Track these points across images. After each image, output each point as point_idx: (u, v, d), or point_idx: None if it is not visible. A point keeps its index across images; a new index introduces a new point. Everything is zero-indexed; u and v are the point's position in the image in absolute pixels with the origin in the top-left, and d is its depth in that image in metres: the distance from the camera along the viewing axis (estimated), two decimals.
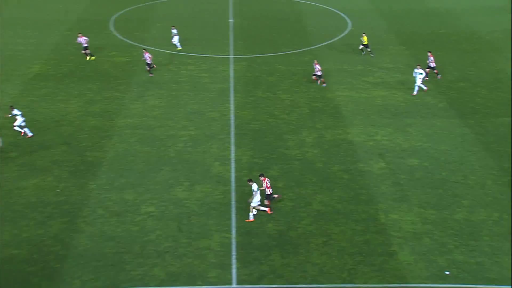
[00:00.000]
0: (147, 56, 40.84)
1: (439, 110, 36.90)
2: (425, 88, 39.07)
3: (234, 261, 23.53)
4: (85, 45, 43.68)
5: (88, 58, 44.06)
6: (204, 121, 35.24)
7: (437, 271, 23.06)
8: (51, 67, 42.54)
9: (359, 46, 46.27)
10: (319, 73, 40.21)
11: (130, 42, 48.43)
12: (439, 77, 41.73)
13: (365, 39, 45.97)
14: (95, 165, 30.08)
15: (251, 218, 26.07)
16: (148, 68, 41.12)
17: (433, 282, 22.54)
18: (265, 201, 26.42)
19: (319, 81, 40.54)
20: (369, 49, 46.35)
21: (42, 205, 26.73)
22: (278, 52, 47.23)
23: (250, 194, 27.94)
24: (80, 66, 43.05)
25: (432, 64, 40.96)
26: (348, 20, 56.05)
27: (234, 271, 22.98)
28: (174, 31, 47.32)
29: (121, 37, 49.70)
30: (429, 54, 41.44)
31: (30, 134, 32.74)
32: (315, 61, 40.53)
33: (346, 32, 52.76)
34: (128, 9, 58.18)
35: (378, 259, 23.75)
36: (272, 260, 23.60)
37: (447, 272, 23.01)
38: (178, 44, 47.33)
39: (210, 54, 46.56)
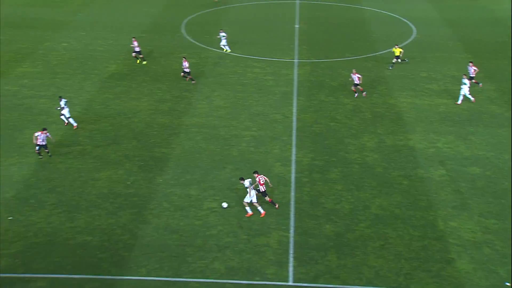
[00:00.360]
0: (185, 64, 40.55)
1: (504, 119, 35.55)
2: (472, 99, 37.60)
3: (291, 259, 23.54)
4: (137, 49, 44.61)
5: (138, 61, 44.79)
6: (267, 123, 35.43)
7: (497, 281, 22.23)
8: (126, 67, 43.91)
9: (392, 60, 44.80)
10: (357, 82, 38.81)
11: (199, 44, 49.32)
12: (480, 85, 40.13)
13: (397, 51, 44.26)
14: (162, 161, 30.83)
15: (249, 212, 26.35)
16: (185, 75, 40.90)
17: None
18: (265, 198, 26.63)
19: (357, 93, 39.03)
20: (400, 60, 44.56)
21: (113, 196, 27.65)
22: (342, 58, 46.83)
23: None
24: (153, 66, 44.22)
25: (472, 74, 39.30)
26: (414, 28, 54.87)
27: (291, 269, 23.00)
28: (223, 34, 47.72)
29: (191, 40, 50.70)
30: (470, 64, 39.90)
31: (75, 124, 34.10)
32: (354, 71, 39.30)
33: (411, 39, 51.67)
34: (199, 13, 59.27)
35: (436, 265, 23.14)
36: (328, 261, 23.46)
37: (507, 284, 22.14)
38: (227, 47, 47.77)
39: (276, 58, 46.74)
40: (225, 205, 26.26)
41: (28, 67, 43.29)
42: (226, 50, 47.63)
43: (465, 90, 37.39)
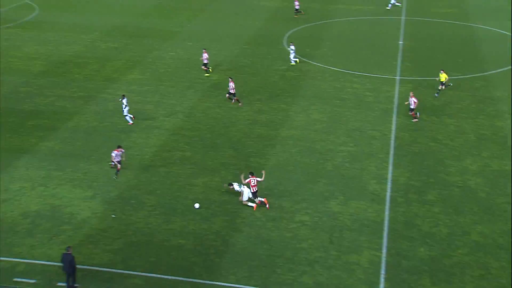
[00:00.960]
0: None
1: None
2: None
3: (382, 280, 22.95)
4: (206, 61, 45.39)
5: (206, 74, 45.45)
6: (364, 139, 34.91)
7: None
8: (228, 77, 45.08)
9: (438, 86, 41.64)
10: (412, 106, 36.90)
11: (300, 58, 49.63)
12: None
13: (443, 77, 41.00)
14: (257, 171, 31.24)
15: (253, 205, 27.61)
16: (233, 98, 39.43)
17: None
18: (256, 200, 27.34)
19: (415, 117, 37.11)
20: (444, 87, 41.34)
21: (208, 202, 28.42)
22: (448, 77, 45.16)
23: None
24: (252, 77, 45.09)
25: None
26: None
27: None
28: (292, 47, 47.62)
29: None
30: None
31: (130, 122, 36.06)
32: (411, 94, 37.50)
33: None
34: (302, 27, 59.73)
35: None
36: (421, 285, 22.61)
37: None
38: (293, 60, 47.74)
39: (377, 74, 46.01)
40: (197, 205, 27.29)
41: (137, 74, 45.73)
42: (297, 62, 47.84)
43: None
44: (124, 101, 36.25)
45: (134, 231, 26.09)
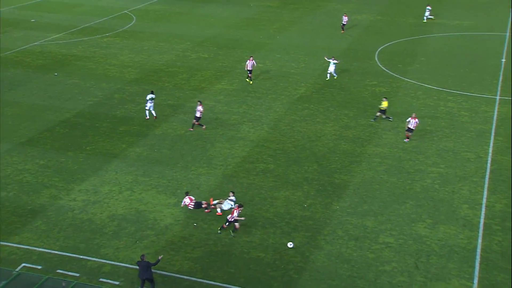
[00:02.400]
0: (199, 108, 37.54)
1: None
2: None
3: None
4: (250, 68, 46.18)
5: (248, 80, 46.80)
6: (457, 161, 33.58)
7: None
8: (315, 91, 45.09)
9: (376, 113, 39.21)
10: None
11: (392, 73, 48.71)
12: None
13: (384, 104, 38.66)
14: (341, 188, 30.92)
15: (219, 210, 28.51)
16: (195, 122, 37.92)
17: None
18: (225, 224, 26.87)
19: None
20: (384, 116, 39.01)
21: (289, 216, 28.43)
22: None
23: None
24: (341, 92, 44.76)
25: None
26: None
27: None
28: (334, 61, 46.73)
29: (383, 68, 50.32)
30: None
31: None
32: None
33: None
34: (395, 41, 58.66)
35: None
36: None
37: None
38: (334, 73, 47.03)
39: (474, 93, 44.21)
40: (290, 245, 25.73)
41: (225, 84, 46.76)
42: (334, 77, 47.23)
43: None
44: (148, 97, 39.35)
45: (215, 241, 26.57)
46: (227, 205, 28.71)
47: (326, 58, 48.76)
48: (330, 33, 61.89)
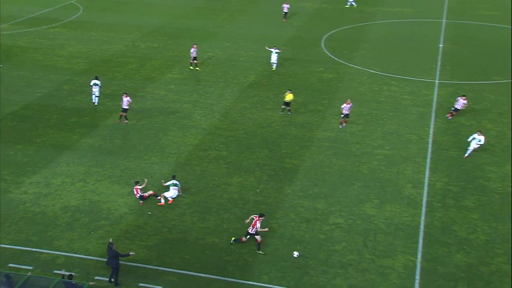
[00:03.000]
0: (126, 100, 36.26)
1: None
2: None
3: (417, 285, 22.60)
4: (195, 55, 46.31)
5: (193, 67, 46.86)
6: (400, 142, 34.43)
7: None
8: (264, 78, 45.18)
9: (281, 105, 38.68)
10: (458, 107, 36.06)
11: (338, 59, 49.32)
12: None
13: (289, 96, 37.71)
14: (292, 172, 31.21)
15: (162, 201, 27.91)
16: (122, 113, 36.79)
17: None
18: (245, 237, 24.83)
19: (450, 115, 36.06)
20: (288, 108, 38.26)
21: (242, 202, 28.52)
22: (488, 81, 44.18)
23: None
24: (290, 79, 45.01)
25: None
26: None
27: None
28: (276, 50, 46.42)
29: (330, 55, 50.87)
30: None
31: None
32: (463, 97, 36.60)
33: None
34: (340, 29, 59.33)
35: None
36: None
37: None
38: (274, 64, 46.68)
39: (415, 77, 45.32)
40: (296, 254, 24.34)
41: (176, 74, 46.22)
42: (273, 68, 46.64)
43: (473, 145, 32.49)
44: (92, 82, 39.37)
45: (170, 228, 26.39)
46: (172, 191, 28.46)
47: (267, 48, 48.72)
48: (277, 22, 61.98)
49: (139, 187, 28.49)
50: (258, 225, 24.57)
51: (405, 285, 22.63)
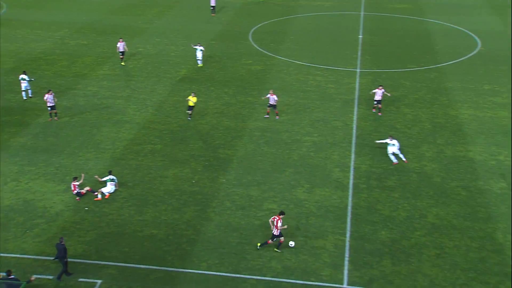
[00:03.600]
0: (48, 97, 34.79)
1: None
2: (394, 161, 31.09)
3: (346, 262, 23.24)
4: (121, 49, 45.57)
5: (123, 63, 45.91)
6: (327, 129, 35.16)
7: None
8: (196, 72, 44.76)
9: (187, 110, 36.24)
10: (378, 98, 36.19)
11: (265, 52, 49.61)
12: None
13: (192, 100, 35.50)
14: (226, 162, 31.19)
15: (99, 196, 27.26)
16: (52, 111, 35.21)
17: None
18: (270, 240, 23.85)
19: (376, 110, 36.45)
20: (190, 112, 35.84)
21: (179, 193, 28.23)
22: (404, 69, 45.85)
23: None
24: (220, 72, 44.84)
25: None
26: (478, 40, 52.96)
27: (346, 272, 22.71)
28: (200, 47, 45.26)
29: (257, 48, 51.07)
30: None
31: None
32: (380, 87, 36.64)
33: (474, 52, 49.90)
34: (266, 22, 59.63)
35: (494, 278, 22.21)
36: (383, 266, 22.99)
37: None
38: (200, 61, 45.56)
39: (338, 67, 46.33)
40: (292, 243, 23.89)
41: (108, 70, 44.94)
42: (198, 64, 45.44)
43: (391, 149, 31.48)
44: (21, 77, 38.38)
45: (107, 222, 25.74)
46: (109, 187, 27.76)
47: (192, 46, 47.86)
48: (206, 17, 61.47)
49: (77, 183, 27.58)
50: (280, 224, 23.49)
51: (336, 263, 23.23)
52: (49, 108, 35.36)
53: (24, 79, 38.15)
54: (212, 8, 61.87)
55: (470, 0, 68.74)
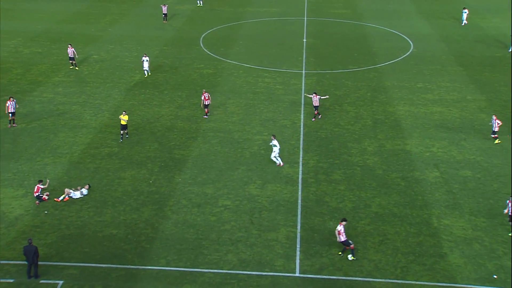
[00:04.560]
0: (12, 103, 33.84)
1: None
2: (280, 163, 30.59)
3: (298, 253, 23.47)
4: (71, 56, 44.67)
5: (72, 67, 45.00)
6: (276, 128, 35.38)
7: (485, 274, 22.02)
8: (149, 77, 44.08)
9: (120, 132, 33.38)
10: (315, 104, 35.37)
11: (216, 56, 49.42)
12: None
13: (125, 119, 32.53)
14: (181, 162, 30.90)
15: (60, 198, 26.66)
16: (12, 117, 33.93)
17: (481, 284, 21.57)
18: (347, 246, 23.06)
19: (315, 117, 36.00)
20: (126, 131, 32.90)
21: (136, 193, 27.75)
22: (346, 69, 46.72)
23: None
24: (173, 76, 44.37)
25: (496, 129, 32.94)
26: (411, 43, 54.59)
27: (298, 261, 22.93)
28: (145, 58, 43.49)
29: (208, 52, 50.82)
30: (494, 117, 33.35)
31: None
32: (314, 94, 35.86)
33: (408, 53, 51.41)
34: (216, 28, 59.42)
35: (430, 259, 22.97)
36: (332, 254, 23.35)
37: (495, 276, 21.91)
38: (148, 71, 43.81)
39: (285, 69, 46.71)
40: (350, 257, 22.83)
41: (63, 77, 43.65)
42: (148, 74, 43.73)
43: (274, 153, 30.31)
44: None
45: (67, 224, 25.02)
46: (78, 195, 27.01)
47: (142, 59, 44.60)
48: (157, 24, 60.66)
49: (42, 186, 26.62)
50: (340, 228, 22.65)
51: (288, 253, 23.42)
52: (9, 115, 34.03)
53: None
54: (164, 15, 61.11)
55: (402, 6, 70.75)
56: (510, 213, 24.62)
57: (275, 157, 30.50)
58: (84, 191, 27.16)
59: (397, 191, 28.21)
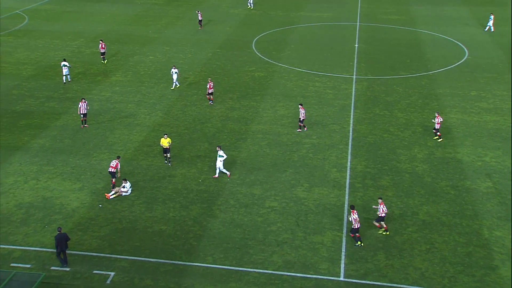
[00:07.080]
0: (84, 105, 34.59)
1: None
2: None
3: (343, 257, 23.19)
4: (102, 51, 47.53)
5: (105, 62, 47.84)
6: (325, 132, 35.11)
7: None
8: (202, 78, 44.76)
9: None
10: (301, 117, 33.89)
11: (268, 59, 49.59)
12: None
13: (166, 142, 30.31)
14: (230, 162, 31.15)
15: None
16: (84, 118, 34.92)
17: None
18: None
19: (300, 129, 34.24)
20: (168, 155, 30.56)
21: (186, 191, 28.22)
22: (397, 75, 45.78)
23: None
24: (225, 78, 44.84)
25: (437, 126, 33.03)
26: (466, 50, 52.83)
27: (342, 265, 22.66)
28: (175, 70, 41.80)
29: (260, 55, 51.05)
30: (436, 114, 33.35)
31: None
32: (300, 106, 34.62)
33: (463, 60, 49.79)
34: (268, 32, 59.61)
35: (479, 271, 22.14)
36: (377, 260, 22.93)
37: None
38: (177, 82, 42.27)
39: (336, 73, 46.28)
40: None
41: (120, 76, 45.01)
42: (177, 86, 42.21)
43: None
44: (62, 64, 42.28)
45: (120, 219, 25.76)
46: (126, 192, 27.69)
47: (172, 70, 42.91)
48: (211, 27, 61.50)
49: (118, 163, 27.60)
50: (356, 216, 23.48)
51: (332, 257, 23.18)
52: (81, 116, 35.17)
53: (65, 65, 41.85)
54: (199, 21, 60.04)
55: (457, 13, 68.61)
56: None
57: (221, 168, 29.10)
58: (127, 185, 27.71)
59: (446, 199, 27.37)
